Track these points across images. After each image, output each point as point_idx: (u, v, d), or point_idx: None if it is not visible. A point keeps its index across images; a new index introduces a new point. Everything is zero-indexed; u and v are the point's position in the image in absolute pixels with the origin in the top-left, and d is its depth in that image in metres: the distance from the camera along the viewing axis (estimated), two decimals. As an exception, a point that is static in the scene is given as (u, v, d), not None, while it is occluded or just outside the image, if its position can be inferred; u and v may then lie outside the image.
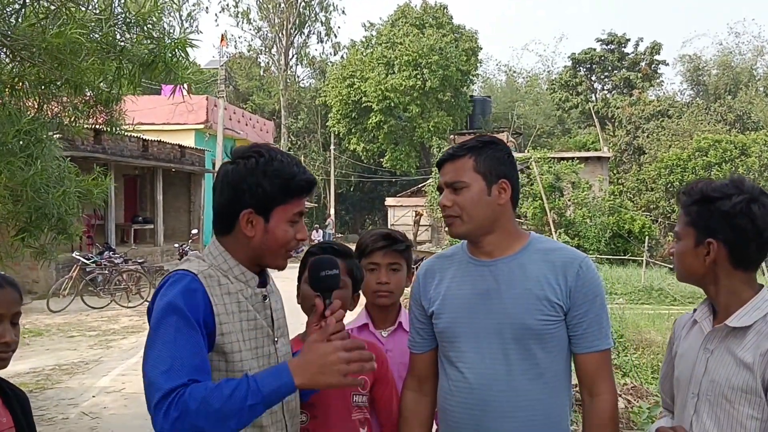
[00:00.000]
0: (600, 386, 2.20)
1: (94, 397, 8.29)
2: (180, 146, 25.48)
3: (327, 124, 44.73)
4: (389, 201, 37.91)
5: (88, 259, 16.88)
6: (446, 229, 2.29)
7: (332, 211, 42.81)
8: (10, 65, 4.81)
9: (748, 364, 1.90)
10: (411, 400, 2.42)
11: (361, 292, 2.66)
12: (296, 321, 2.40)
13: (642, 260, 22.02)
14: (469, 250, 2.30)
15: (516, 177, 2.26)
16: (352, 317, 2.64)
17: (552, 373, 2.18)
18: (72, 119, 5.59)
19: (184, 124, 28.52)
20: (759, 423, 1.88)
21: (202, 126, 28.84)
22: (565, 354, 2.22)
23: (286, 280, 2.32)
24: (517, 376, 2.15)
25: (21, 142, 4.72)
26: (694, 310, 2.16)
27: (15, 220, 5.33)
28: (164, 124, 27.43)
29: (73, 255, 16.76)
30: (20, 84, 4.77)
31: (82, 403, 7.98)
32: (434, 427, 2.50)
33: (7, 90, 4.81)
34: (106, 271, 16.65)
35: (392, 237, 2.76)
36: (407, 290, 2.64)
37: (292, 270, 2.36)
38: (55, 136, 5.51)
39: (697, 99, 45.15)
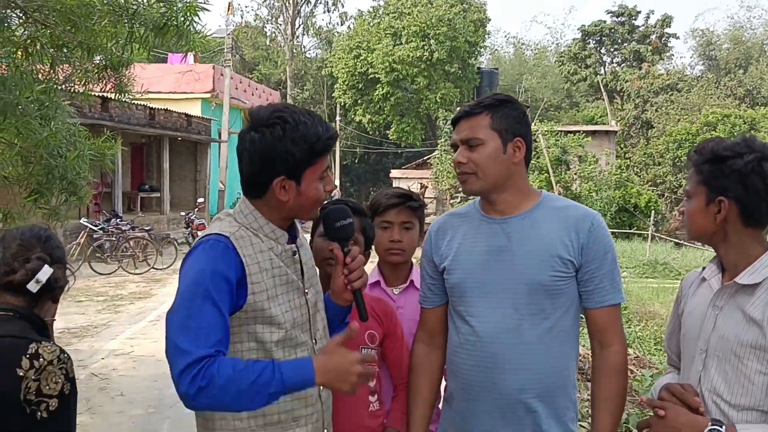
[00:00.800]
0: (611, 338, 2.25)
1: (103, 359, 8.42)
2: (186, 115, 25.45)
3: (333, 95, 44.52)
4: (394, 173, 37.83)
5: (96, 226, 16.98)
6: (451, 202, 2.31)
7: (337, 183, 42.83)
8: (23, 27, 4.82)
9: (758, 321, 1.93)
10: (422, 352, 2.47)
11: (373, 249, 2.70)
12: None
13: (647, 234, 22.02)
14: (482, 208, 2.33)
15: (530, 136, 2.29)
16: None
17: (560, 328, 2.23)
18: (83, 83, 5.60)
19: (190, 93, 28.46)
20: (767, 378, 1.92)
21: (208, 95, 28.77)
22: (574, 309, 2.26)
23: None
24: (527, 331, 2.19)
25: (33, 105, 4.75)
26: (703, 268, 2.19)
27: (27, 182, 5.38)
28: (171, 92, 27.39)
29: (81, 221, 16.87)
30: (33, 46, 4.79)
31: (92, 365, 8.11)
32: (443, 383, 2.56)
33: (19, 52, 4.83)
34: (114, 238, 16.77)
35: (406, 195, 2.80)
36: (418, 249, 2.68)
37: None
38: (63, 103, 5.54)
39: (708, 73, 44.82)
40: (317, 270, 2.27)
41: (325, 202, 2.43)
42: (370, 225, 2.66)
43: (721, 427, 1.89)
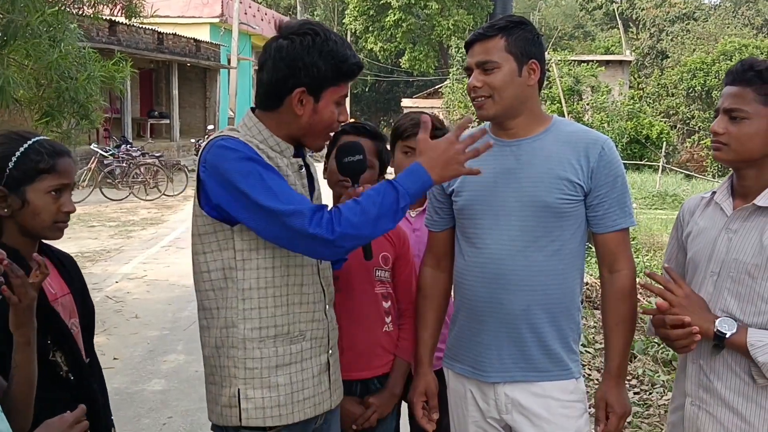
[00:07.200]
0: (620, 263, 2.27)
1: (117, 282, 8.57)
2: (195, 40, 25.18)
3: (344, 21, 43.80)
4: (405, 102, 37.43)
5: (106, 152, 17.02)
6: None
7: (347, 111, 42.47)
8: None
9: None
10: (429, 276, 2.49)
11: (392, 172, 2.71)
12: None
13: (658, 166, 21.94)
14: (492, 132, 2.32)
15: (544, 58, 2.26)
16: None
17: (568, 250, 2.25)
18: (92, 4, 5.55)
19: (198, 17, 28.08)
20: None
21: (217, 20, 28.38)
22: (581, 233, 2.28)
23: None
24: (534, 252, 2.22)
25: (42, 26, 4.72)
26: (713, 193, 2.18)
27: (38, 105, 5.40)
28: (179, 17, 27.01)
29: (92, 147, 16.89)
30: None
31: (106, 288, 8.26)
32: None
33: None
34: (124, 164, 16.84)
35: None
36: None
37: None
38: (72, 25, 5.50)
39: (725, 2, 43.77)
40: (321, 193, 2.25)
41: (342, 126, 2.42)
42: (386, 149, 2.66)
43: (734, 321, 1.96)
